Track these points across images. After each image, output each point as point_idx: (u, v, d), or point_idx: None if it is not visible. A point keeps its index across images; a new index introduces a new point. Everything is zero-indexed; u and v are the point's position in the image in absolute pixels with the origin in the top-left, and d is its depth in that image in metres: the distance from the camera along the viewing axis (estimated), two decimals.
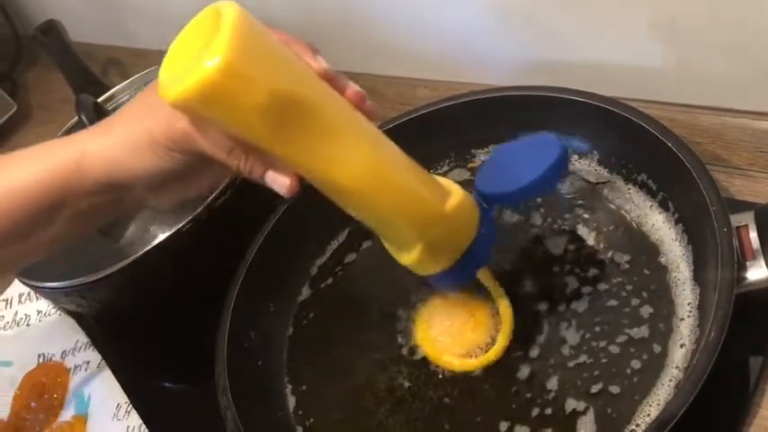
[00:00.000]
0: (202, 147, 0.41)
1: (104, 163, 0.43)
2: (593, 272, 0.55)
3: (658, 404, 0.47)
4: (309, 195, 0.64)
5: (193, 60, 0.37)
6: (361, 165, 0.43)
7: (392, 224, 0.47)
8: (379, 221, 0.47)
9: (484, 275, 0.53)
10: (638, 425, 0.46)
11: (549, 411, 0.50)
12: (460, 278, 0.51)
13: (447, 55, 0.75)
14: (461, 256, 0.48)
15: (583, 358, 0.51)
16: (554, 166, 0.48)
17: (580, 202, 0.60)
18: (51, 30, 0.87)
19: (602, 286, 0.54)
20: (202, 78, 0.36)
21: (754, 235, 0.48)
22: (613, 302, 0.53)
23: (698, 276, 0.51)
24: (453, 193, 0.47)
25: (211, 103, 0.37)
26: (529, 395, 0.51)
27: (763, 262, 0.48)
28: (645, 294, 0.52)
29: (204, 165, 0.44)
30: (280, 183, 0.42)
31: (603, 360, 0.50)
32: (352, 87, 0.44)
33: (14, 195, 0.43)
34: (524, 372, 0.52)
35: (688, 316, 0.50)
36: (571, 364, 0.51)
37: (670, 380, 0.48)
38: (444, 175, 0.67)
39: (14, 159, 0.45)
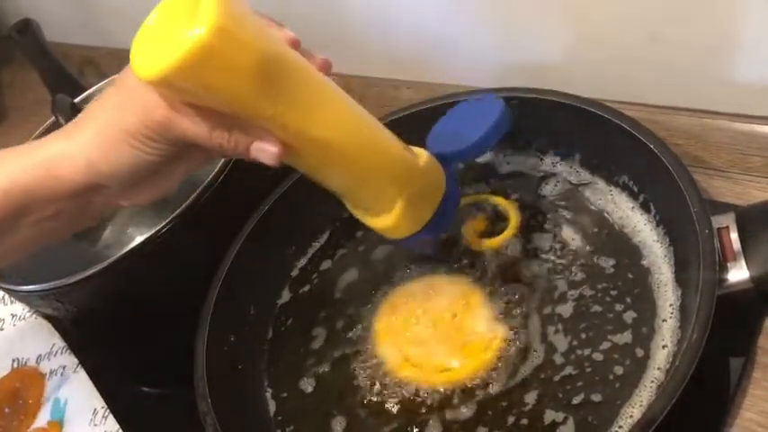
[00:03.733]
0: (184, 131, 0.40)
1: (78, 166, 0.42)
2: (576, 277, 0.55)
3: (641, 405, 0.47)
4: (291, 196, 0.65)
5: (177, 34, 0.36)
6: (344, 120, 0.45)
7: (374, 181, 0.48)
8: (361, 181, 0.48)
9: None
10: (620, 426, 0.46)
11: (525, 422, 0.49)
12: (432, 235, 0.53)
13: (428, 56, 0.75)
14: (433, 214, 0.51)
15: (568, 370, 0.50)
16: (497, 125, 0.52)
17: (562, 203, 0.60)
18: (27, 29, 0.85)
19: (587, 292, 0.54)
20: (194, 45, 0.36)
21: (734, 236, 0.49)
22: (597, 308, 0.53)
23: (679, 278, 0.51)
24: (420, 152, 0.50)
25: (203, 71, 0.37)
26: (505, 404, 0.51)
27: (743, 263, 0.48)
28: (629, 299, 0.52)
29: (179, 155, 0.43)
30: (266, 151, 0.42)
31: (588, 369, 0.50)
32: (318, 56, 0.44)
33: None
34: (500, 385, 0.52)
35: (670, 317, 0.50)
36: (556, 378, 0.50)
37: (652, 381, 0.48)
38: None
39: None
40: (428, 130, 0.65)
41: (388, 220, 0.49)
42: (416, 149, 0.50)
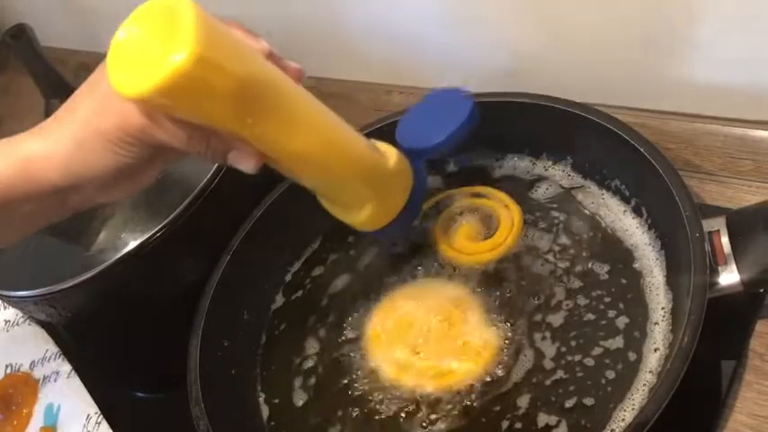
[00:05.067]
0: (160, 138, 0.41)
1: (55, 167, 0.42)
2: (569, 281, 0.55)
3: (633, 409, 0.47)
4: (284, 201, 0.65)
5: (156, 54, 0.37)
6: (317, 132, 0.46)
7: (349, 185, 0.50)
8: (337, 185, 0.51)
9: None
10: (613, 429, 0.46)
11: (518, 425, 0.49)
12: (403, 226, 0.56)
13: (421, 61, 0.75)
14: (402, 207, 0.53)
15: (560, 374, 0.51)
16: (465, 122, 0.53)
17: (554, 207, 0.60)
18: (21, 34, 0.85)
19: (581, 297, 0.54)
20: (174, 71, 0.36)
21: (725, 240, 0.49)
22: (590, 315, 0.53)
23: (671, 281, 0.52)
24: (389, 151, 0.52)
25: (182, 94, 0.37)
26: (498, 408, 0.51)
27: (734, 267, 0.48)
28: (621, 305, 0.52)
29: (155, 155, 0.43)
30: (244, 162, 0.43)
31: (579, 374, 0.50)
32: (292, 64, 0.45)
33: None
34: (493, 390, 0.52)
35: (662, 320, 0.50)
36: (548, 382, 0.50)
37: (644, 384, 0.48)
38: None
39: None
40: None
41: (360, 215, 0.52)
42: (385, 147, 0.52)
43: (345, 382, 0.56)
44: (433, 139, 0.53)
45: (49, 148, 0.42)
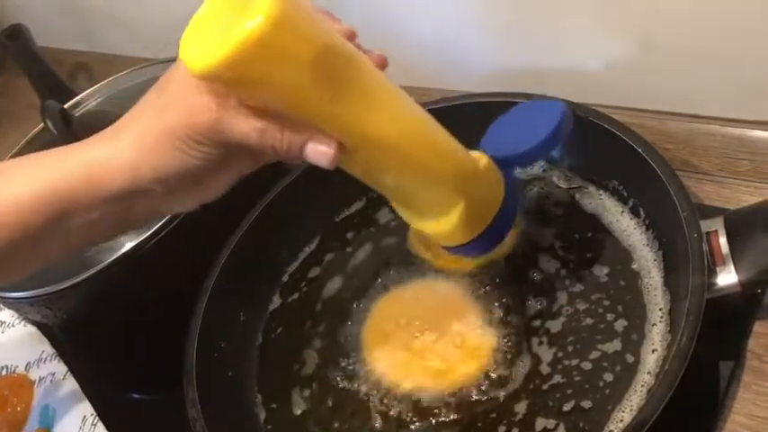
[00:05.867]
0: (231, 132, 0.39)
1: (121, 170, 0.40)
2: (566, 282, 0.55)
3: (631, 410, 0.47)
4: (281, 202, 0.64)
5: (232, 24, 0.35)
6: (401, 118, 0.43)
7: (432, 184, 0.46)
8: (418, 183, 0.46)
9: None
10: (611, 430, 0.46)
11: (516, 431, 0.49)
12: (492, 243, 0.51)
13: (420, 61, 0.75)
14: (492, 220, 0.49)
15: (557, 378, 0.50)
16: (558, 126, 0.49)
17: (552, 207, 0.60)
18: (17, 34, 0.85)
19: (578, 299, 0.54)
20: (249, 36, 0.34)
21: (723, 240, 0.49)
22: (589, 320, 0.52)
23: (669, 282, 0.51)
24: (479, 156, 0.48)
25: (262, 60, 0.35)
26: (495, 414, 0.50)
27: (732, 267, 0.48)
28: (620, 308, 0.52)
29: (226, 160, 0.41)
30: (322, 153, 0.40)
31: (577, 378, 0.50)
32: (376, 51, 0.42)
33: (5, 212, 0.40)
34: (490, 393, 0.52)
35: (660, 321, 0.50)
36: (545, 387, 0.50)
37: (642, 385, 0.48)
38: None
39: (7, 171, 0.42)
40: None
41: (443, 224, 0.47)
42: (474, 152, 0.48)
43: (342, 383, 0.56)
44: (522, 146, 0.50)
45: (114, 152, 0.40)
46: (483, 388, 0.52)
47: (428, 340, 0.55)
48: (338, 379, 0.57)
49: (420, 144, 0.44)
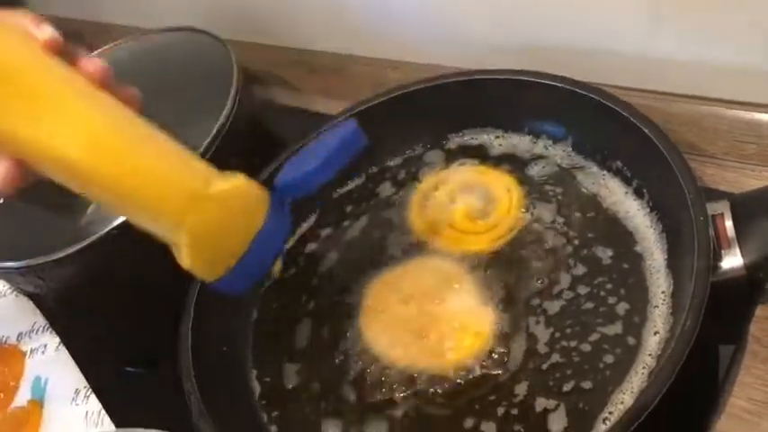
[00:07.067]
0: None
1: None
2: (566, 262, 0.54)
3: (632, 392, 0.46)
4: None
5: None
6: (90, 135, 0.39)
7: (139, 204, 0.43)
8: (127, 203, 0.43)
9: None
10: (611, 413, 0.46)
11: (515, 411, 0.49)
12: (245, 280, 0.48)
13: (419, 37, 0.74)
14: (244, 254, 0.45)
15: (555, 358, 0.50)
16: (339, 147, 0.48)
17: (554, 187, 0.59)
18: (11, 2, 0.83)
19: (579, 278, 0.53)
20: None
21: (729, 224, 0.48)
22: (588, 299, 0.52)
23: (672, 264, 0.51)
24: (229, 179, 0.44)
25: None
26: (494, 396, 0.50)
27: (738, 251, 0.47)
28: (623, 291, 0.51)
29: None
30: None
31: (576, 359, 0.49)
32: (90, 59, 0.41)
33: None
34: (495, 373, 0.51)
35: (662, 304, 0.50)
36: (544, 366, 0.50)
37: (643, 367, 0.47)
38: (420, 157, 0.66)
39: None
40: (418, 111, 0.65)
41: (182, 256, 0.44)
42: (235, 175, 0.45)
43: (338, 361, 0.56)
44: (304, 169, 0.48)
45: None
46: (481, 366, 0.51)
47: (425, 318, 0.55)
48: (334, 355, 0.56)
49: (117, 163, 0.40)
